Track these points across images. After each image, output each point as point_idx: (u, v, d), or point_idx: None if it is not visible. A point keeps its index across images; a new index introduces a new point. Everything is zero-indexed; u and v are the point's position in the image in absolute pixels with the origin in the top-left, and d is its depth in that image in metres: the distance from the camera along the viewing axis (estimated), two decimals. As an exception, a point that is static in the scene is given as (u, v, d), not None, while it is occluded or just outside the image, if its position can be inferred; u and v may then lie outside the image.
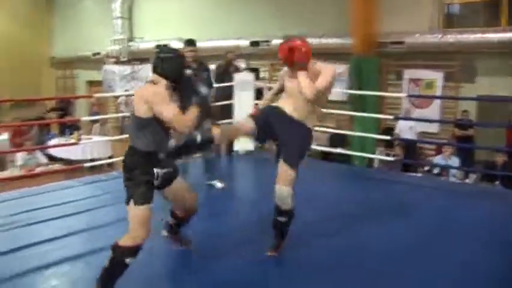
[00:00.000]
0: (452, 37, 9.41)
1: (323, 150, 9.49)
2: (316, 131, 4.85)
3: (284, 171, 3.48)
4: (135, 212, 3.05)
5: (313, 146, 10.09)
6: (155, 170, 3.13)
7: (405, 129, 9.33)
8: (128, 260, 3.01)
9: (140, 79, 15.52)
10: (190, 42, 5.42)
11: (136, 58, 15.69)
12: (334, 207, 4.96)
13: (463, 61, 9.61)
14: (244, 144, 7.09)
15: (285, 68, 3.79)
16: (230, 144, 7.24)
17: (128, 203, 3.10)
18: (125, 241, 3.04)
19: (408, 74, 10.23)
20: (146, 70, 15.19)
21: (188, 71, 4.94)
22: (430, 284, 3.40)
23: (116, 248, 3.04)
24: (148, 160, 3.12)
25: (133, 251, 3.03)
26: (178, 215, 3.61)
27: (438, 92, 9.82)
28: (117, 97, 15.38)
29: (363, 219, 4.62)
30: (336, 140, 9.78)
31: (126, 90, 14.78)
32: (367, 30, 9.83)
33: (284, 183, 3.48)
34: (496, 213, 4.99)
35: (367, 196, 5.48)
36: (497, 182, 7.39)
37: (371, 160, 8.93)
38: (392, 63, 10.54)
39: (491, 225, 4.61)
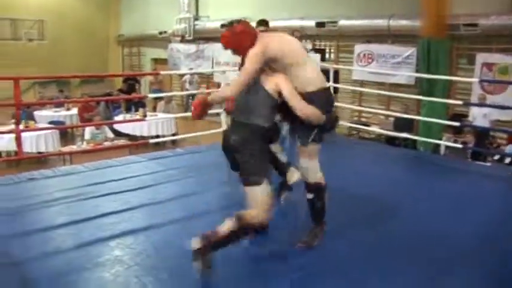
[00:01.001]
0: (529, 19, 8.87)
1: (387, 134, 9.29)
2: (382, 114, 4.71)
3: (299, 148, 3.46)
4: (261, 188, 3.11)
5: (377, 129, 10.08)
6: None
7: (479, 116, 8.91)
8: (250, 234, 3.24)
9: (205, 58, 15.67)
10: (263, 22, 5.27)
11: (201, 37, 15.81)
12: (389, 192, 4.79)
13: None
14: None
15: None
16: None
17: (248, 180, 3.14)
18: (253, 217, 3.11)
19: (481, 58, 9.74)
20: (211, 49, 15.31)
21: None
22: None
23: (242, 221, 3.09)
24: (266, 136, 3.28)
25: (260, 225, 3.22)
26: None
27: (514, 77, 9.31)
28: (182, 75, 15.60)
29: (420, 206, 4.47)
30: (402, 124, 9.51)
31: (190, 69, 14.97)
32: (438, 11, 9.45)
33: (303, 157, 3.44)
34: None
35: (431, 183, 5.27)
36: None
37: (437, 146, 8.61)
38: (464, 47, 10.07)
39: None
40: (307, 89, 3.28)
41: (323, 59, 9.10)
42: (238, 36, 3.27)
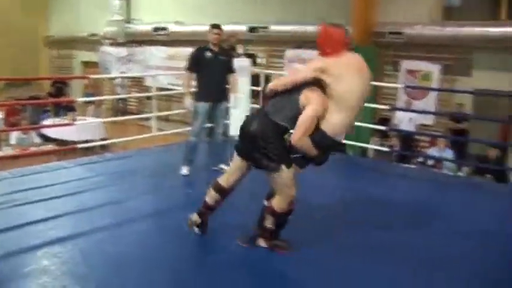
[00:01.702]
0: (451, 30, 9.35)
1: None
2: None
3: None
4: (287, 174, 3.36)
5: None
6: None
7: (405, 121, 9.30)
8: (288, 218, 3.55)
9: (137, 62, 15.44)
10: (215, 26, 5.50)
11: (133, 40, 15.57)
12: (319, 193, 4.95)
13: (461, 54, 9.57)
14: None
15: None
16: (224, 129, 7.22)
17: (273, 168, 3.35)
18: (280, 205, 3.45)
19: (405, 65, 10.19)
20: (143, 53, 15.12)
21: (209, 54, 5.41)
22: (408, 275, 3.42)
23: (274, 213, 3.48)
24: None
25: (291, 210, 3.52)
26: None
27: (434, 84, 9.79)
28: (113, 79, 15.31)
29: (348, 206, 4.71)
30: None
31: (122, 73, 14.72)
32: (365, 19, 9.81)
33: None
34: (484, 205, 5.04)
35: (357, 184, 5.49)
36: (488, 176, 7.41)
37: (365, 150, 8.94)
38: (389, 54, 10.49)
39: (474, 216, 4.65)
40: (325, 127, 3.32)
41: (254, 64, 9.21)
42: (328, 39, 3.40)
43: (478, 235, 4.16)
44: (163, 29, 14.26)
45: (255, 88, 7.80)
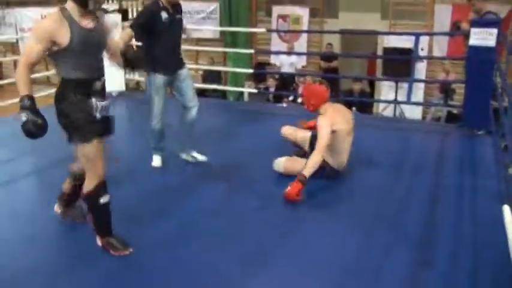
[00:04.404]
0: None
1: (199, 87, 9.76)
2: (191, 69, 5.00)
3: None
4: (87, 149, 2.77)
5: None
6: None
7: (287, 64, 9.69)
8: (102, 200, 2.85)
9: (8, 25, 14.65)
10: None
11: (1, 1, 14.68)
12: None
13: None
14: (115, 85, 6.95)
15: None
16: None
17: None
18: (88, 187, 2.85)
19: (276, 10, 10.60)
20: (13, 15, 14.36)
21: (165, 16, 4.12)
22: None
23: (86, 198, 2.88)
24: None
25: (101, 189, 2.86)
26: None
27: (305, 27, 10.31)
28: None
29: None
30: (210, 76, 10.03)
31: (-8, 37, 13.91)
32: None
33: None
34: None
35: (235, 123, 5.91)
36: (354, 108, 8.06)
37: (241, 94, 9.36)
38: (261, 0, 10.83)
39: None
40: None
41: (125, 19, 9.11)
42: (313, 94, 3.96)
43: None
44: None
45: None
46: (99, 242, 2.93)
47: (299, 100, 8.11)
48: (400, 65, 7.52)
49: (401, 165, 4.47)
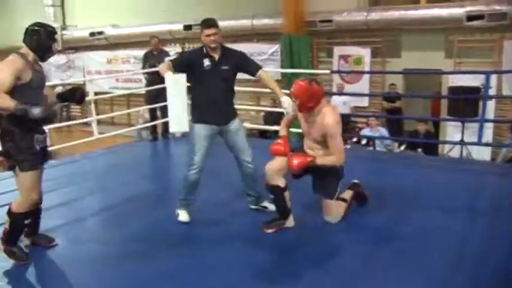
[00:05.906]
0: (377, 14, 9.80)
1: (259, 128, 9.78)
2: (253, 110, 5.00)
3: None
4: (25, 177, 3.17)
5: (250, 125, 10.58)
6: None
7: (339, 105, 9.63)
8: (26, 222, 3.29)
9: (76, 68, 15.35)
10: (208, 23, 3.85)
11: (71, 47, 15.44)
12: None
13: (388, 37, 10.04)
14: (178, 126, 7.01)
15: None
16: (166, 127, 7.28)
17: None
18: (20, 207, 3.21)
19: (338, 51, 10.59)
20: (81, 59, 15.04)
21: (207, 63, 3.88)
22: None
23: (14, 215, 3.22)
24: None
25: (32, 213, 3.29)
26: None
27: (366, 67, 10.23)
28: (53, 87, 15.13)
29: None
30: (271, 118, 10.04)
31: (61, 80, 14.58)
32: (297, 9, 10.17)
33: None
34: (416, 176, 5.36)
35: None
36: (419, 150, 7.83)
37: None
38: (322, 41, 10.89)
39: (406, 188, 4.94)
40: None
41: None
42: (313, 98, 3.57)
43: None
44: (100, 33, 14.23)
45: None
46: (1, 247, 3.29)
47: (363, 142, 7.97)
48: (466, 104, 7.27)
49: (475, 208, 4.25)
